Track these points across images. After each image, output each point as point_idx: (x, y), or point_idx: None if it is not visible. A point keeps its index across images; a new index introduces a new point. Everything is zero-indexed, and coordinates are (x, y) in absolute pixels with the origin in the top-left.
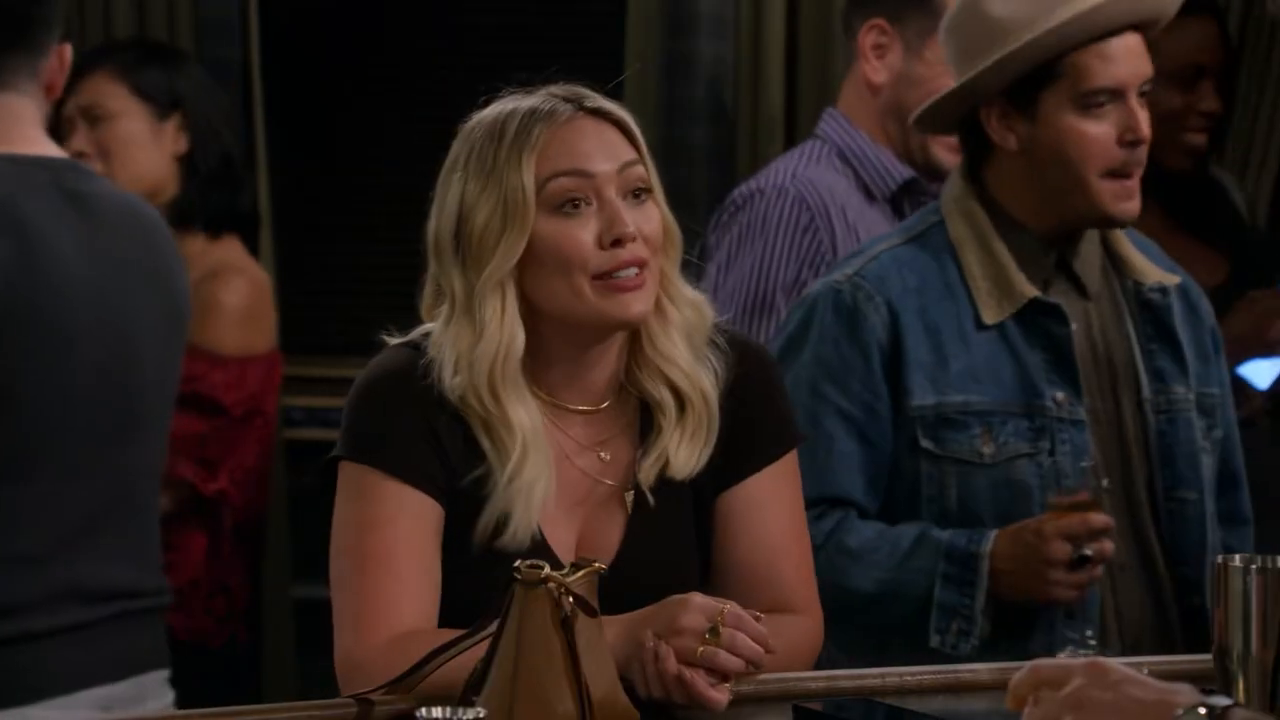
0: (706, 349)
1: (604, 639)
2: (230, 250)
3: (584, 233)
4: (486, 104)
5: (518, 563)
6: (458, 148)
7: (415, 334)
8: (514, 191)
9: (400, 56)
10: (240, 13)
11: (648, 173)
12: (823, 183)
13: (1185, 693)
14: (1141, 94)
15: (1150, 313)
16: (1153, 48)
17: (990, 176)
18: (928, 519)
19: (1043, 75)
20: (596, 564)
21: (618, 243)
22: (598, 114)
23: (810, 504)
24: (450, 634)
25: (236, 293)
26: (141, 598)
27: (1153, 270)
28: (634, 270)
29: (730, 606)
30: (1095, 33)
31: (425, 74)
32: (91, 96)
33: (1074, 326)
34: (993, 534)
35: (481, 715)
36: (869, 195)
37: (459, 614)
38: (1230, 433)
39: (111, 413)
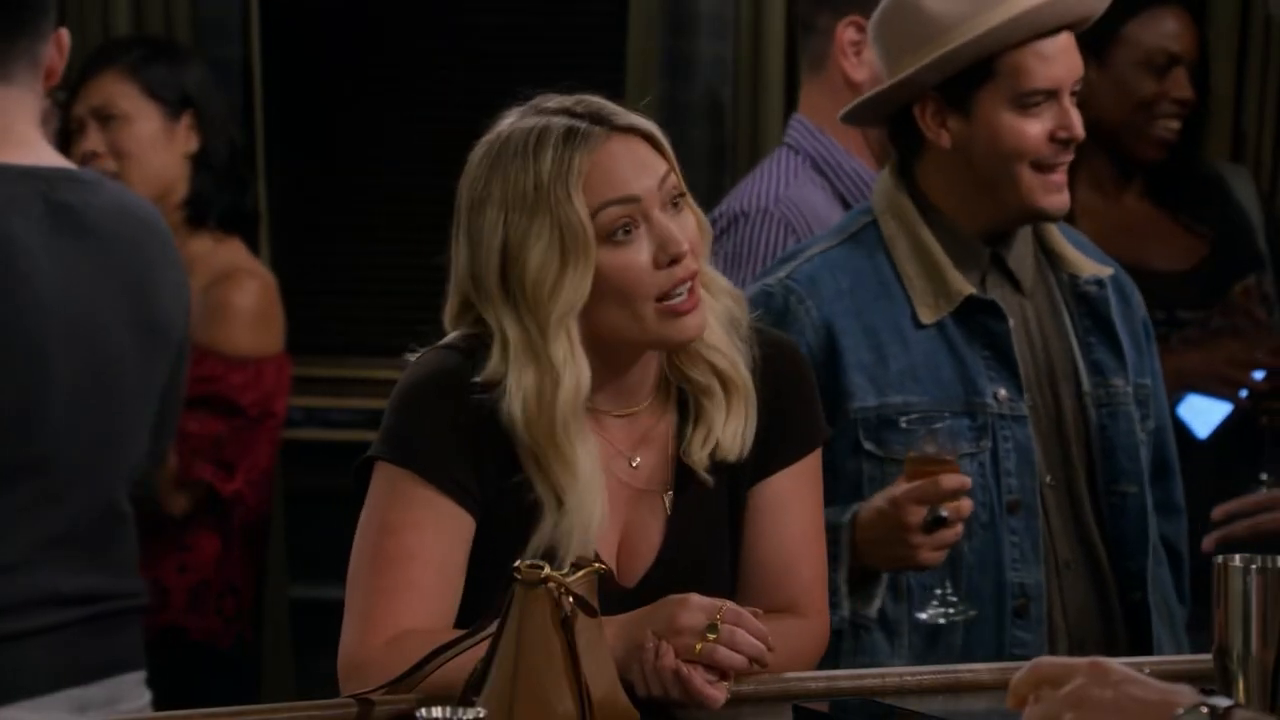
0: (742, 339)
1: (604, 639)
2: (236, 252)
3: (641, 257)
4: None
5: (518, 562)
6: (483, 175)
7: (456, 336)
8: (571, 228)
9: (400, 56)
10: (240, 13)
11: (678, 178)
12: (806, 204)
13: (1186, 693)
14: (1073, 93)
15: (1087, 305)
16: (1123, 38)
17: (921, 172)
18: None
19: (979, 74)
20: (596, 564)
21: (674, 261)
22: (627, 131)
23: None
24: (450, 635)
25: (249, 294)
26: (116, 600)
27: (1087, 263)
28: (687, 287)
29: (728, 605)
30: (1033, 33)
31: (425, 74)
32: (103, 98)
33: (1011, 322)
34: (856, 506)
35: (481, 715)
36: (845, 204)
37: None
38: (1163, 423)
39: (88, 427)
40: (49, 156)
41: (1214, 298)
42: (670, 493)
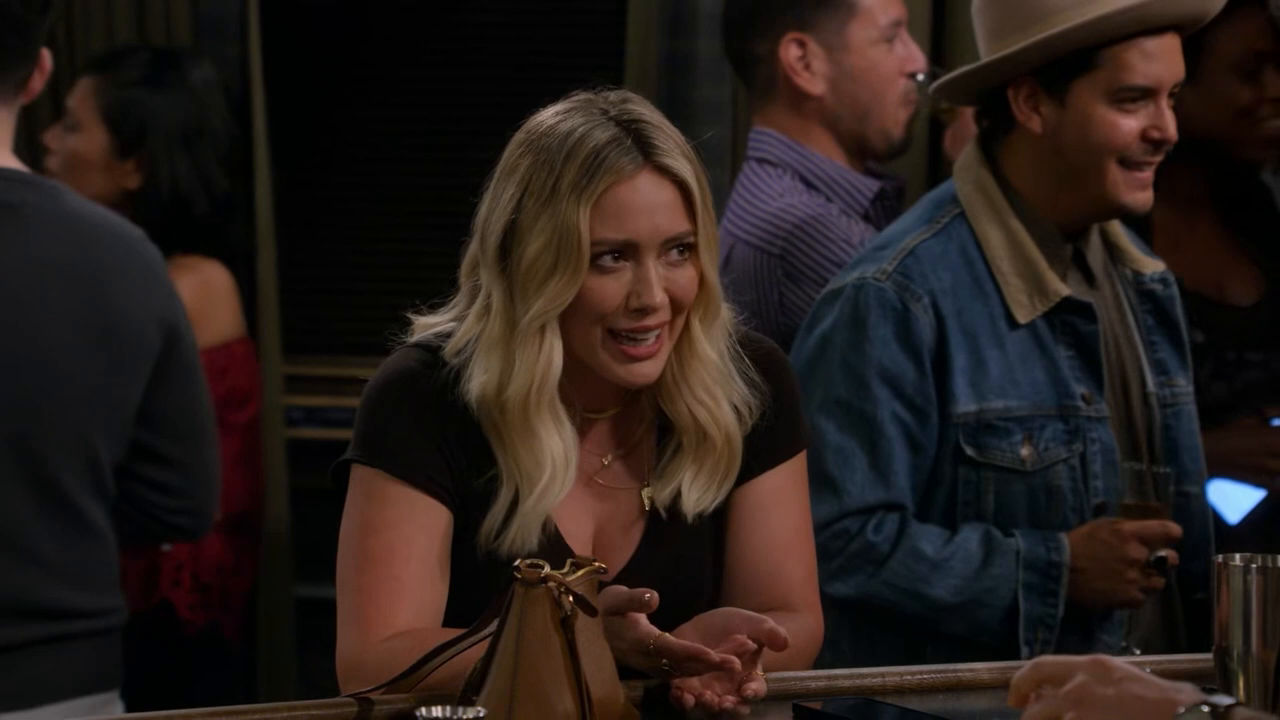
0: (736, 379)
1: (604, 638)
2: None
3: (614, 290)
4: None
5: (518, 561)
6: (520, 150)
7: (428, 335)
8: (569, 238)
9: (400, 56)
10: (239, 11)
11: (696, 234)
12: (826, 217)
13: (1187, 691)
14: (1170, 95)
15: (1151, 303)
16: (1209, 48)
17: (1005, 154)
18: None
19: (1080, 63)
20: (596, 563)
21: (640, 310)
22: (661, 171)
23: (868, 509)
24: (449, 633)
25: (185, 289)
26: (83, 619)
27: (1149, 260)
28: (652, 335)
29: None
30: (1141, 27)
31: (425, 73)
32: (73, 102)
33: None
34: (1065, 539)
35: (481, 714)
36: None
37: (468, 614)
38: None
39: (15, 413)
40: (6, 160)
41: (1277, 335)
42: (649, 490)
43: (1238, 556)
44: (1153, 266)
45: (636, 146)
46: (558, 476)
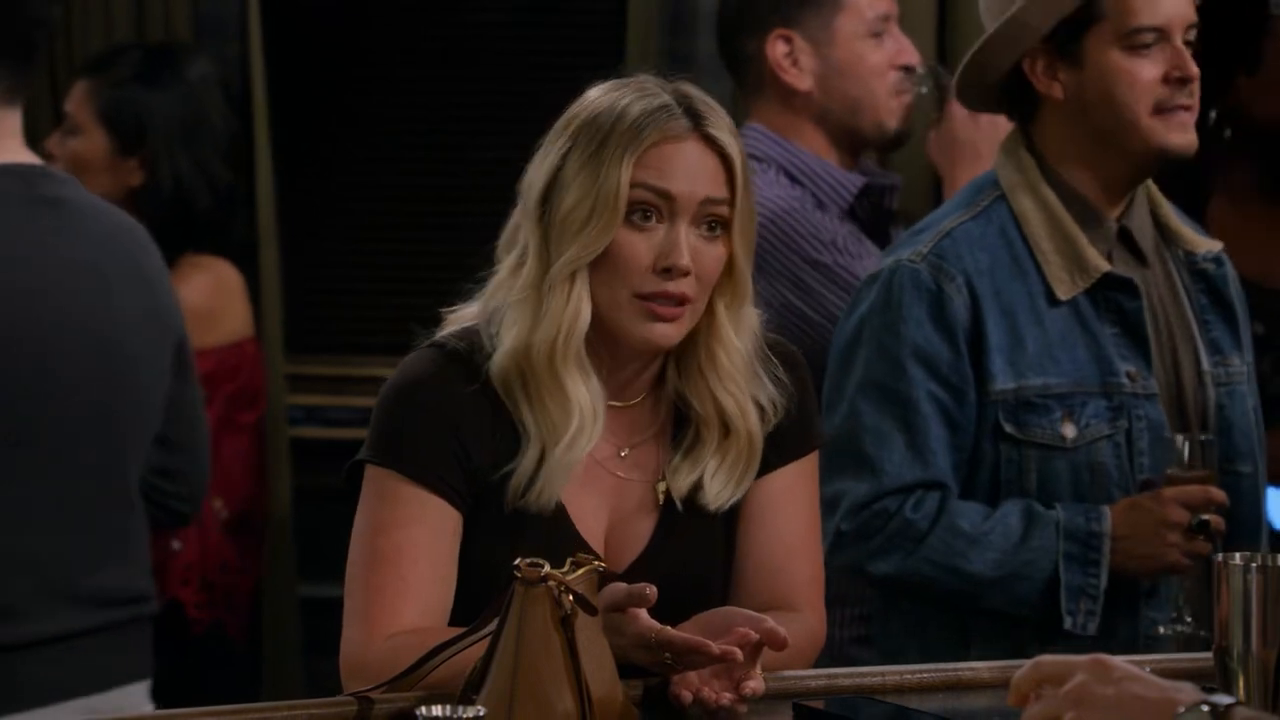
0: (764, 378)
1: (604, 637)
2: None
3: (645, 246)
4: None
5: (517, 560)
6: (573, 113)
7: (446, 333)
8: (608, 187)
9: (400, 55)
10: (240, 10)
11: (732, 212)
12: (803, 214)
13: (1187, 690)
14: (1186, 42)
15: (1205, 283)
16: (1268, 35)
17: (1039, 133)
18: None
19: (1085, 16)
20: (596, 562)
21: (668, 271)
22: (709, 141)
23: (907, 488)
24: (453, 633)
25: (195, 289)
26: (133, 605)
27: (1202, 240)
28: (674, 302)
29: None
30: None
31: (425, 73)
32: (72, 105)
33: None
34: (1106, 509)
35: (481, 714)
36: (822, 209)
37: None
38: (1256, 402)
39: (93, 407)
40: (28, 159)
41: None
42: (663, 484)
43: (1238, 555)
44: (1206, 246)
45: (687, 115)
46: (586, 427)
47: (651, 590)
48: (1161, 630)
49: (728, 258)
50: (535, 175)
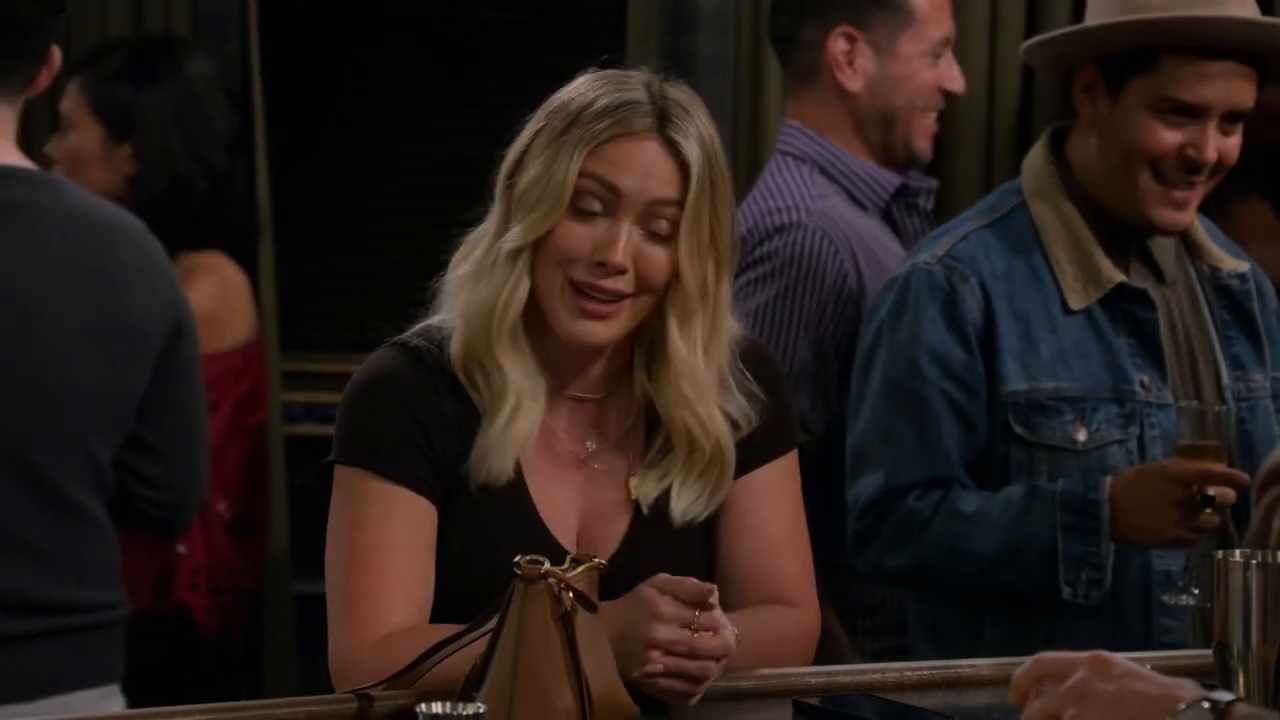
0: (736, 393)
1: (604, 634)
2: (203, 254)
3: (585, 236)
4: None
5: (518, 558)
6: (563, 90)
7: (408, 334)
8: (559, 173)
9: (400, 54)
10: (239, 8)
11: (681, 216)
12: (836, 214)
13: (1188, 687)
14: (1232, 121)
15: (1228, 299)
16: None
17: (1074, 140)
18: None
19: (1140, 62)
20: (596, 560)
21: (603, 265)
22: (671, 145)
23: (916, 486)
24: (441, 630)
25: (202, 293)
26: (82, 614)
27: (1227, 257)
28: (605, 299)
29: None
30: (1190, 42)
31: (425, 72)
32: (64, 104)
33: (1159, 311)
34: (1105, 479)
35: (481, 711)
36: (860, 207)
37: (460, 602)
38: None
39: (17, 413)
40: (10, 159)
41: None
42: (635, 480)
43: (1237, 553)
44: (1232, 264)
45: (655, 115)
46: (524, 403)
47: (713, 590)
48: (1167, 599)
49: (673, 266)
50: (511, 148)
